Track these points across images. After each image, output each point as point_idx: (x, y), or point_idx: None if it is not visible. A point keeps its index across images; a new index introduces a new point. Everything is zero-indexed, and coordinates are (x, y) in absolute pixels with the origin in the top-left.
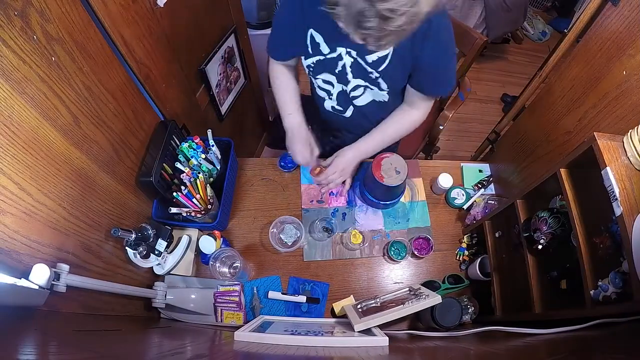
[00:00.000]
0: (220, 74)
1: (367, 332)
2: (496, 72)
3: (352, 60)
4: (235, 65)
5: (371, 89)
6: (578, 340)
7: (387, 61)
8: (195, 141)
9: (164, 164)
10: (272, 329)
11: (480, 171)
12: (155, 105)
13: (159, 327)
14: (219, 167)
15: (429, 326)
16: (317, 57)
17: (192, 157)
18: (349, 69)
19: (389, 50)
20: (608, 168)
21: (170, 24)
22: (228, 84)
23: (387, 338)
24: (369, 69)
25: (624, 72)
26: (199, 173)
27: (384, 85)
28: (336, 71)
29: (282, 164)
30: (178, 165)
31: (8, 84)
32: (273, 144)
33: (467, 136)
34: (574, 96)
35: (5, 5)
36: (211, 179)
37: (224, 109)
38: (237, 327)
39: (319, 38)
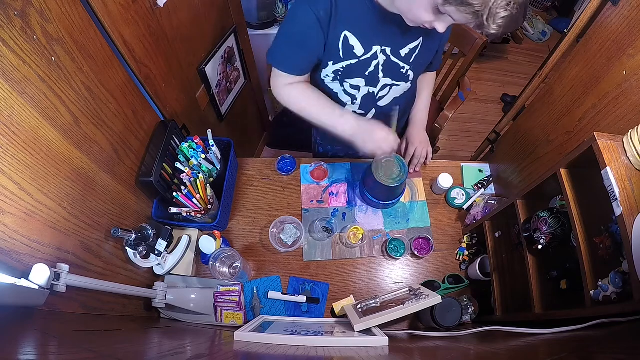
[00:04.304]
0: (220, 74)
1: (367, 332)
2: (496, 72)
3: (385, 58)
4: (235, 65)
5: (397, 85)
6: (578, 340)
7: (417, 51)
8: (195, 141)
9: (164, 164)
10: (272, 329)
11: (480, 171)
12: (155, 105)
13: (159, 327)
14: (219, 167)
15: (429, 326)
16: (349, 62)
17: (192, 157)
18: (380, 68)
19: (419, 41)
20: (608, 168)
21: (170, 24)
22: (228, 84)
23: (387, 338)
24: (401, 64)
25: (624, 72)
26: (199, 173)
27: (412, 77)
28: (366, 73)
29: (280, 166)
30: (178, 165)
31: (8, 84)
32: (273, 144)
33: (467, 136)
34: (574, 96)
35: (5, 5)
36: (211, 179)
37: (224, 109)
38: (237, 327)
39: (353, 40)
